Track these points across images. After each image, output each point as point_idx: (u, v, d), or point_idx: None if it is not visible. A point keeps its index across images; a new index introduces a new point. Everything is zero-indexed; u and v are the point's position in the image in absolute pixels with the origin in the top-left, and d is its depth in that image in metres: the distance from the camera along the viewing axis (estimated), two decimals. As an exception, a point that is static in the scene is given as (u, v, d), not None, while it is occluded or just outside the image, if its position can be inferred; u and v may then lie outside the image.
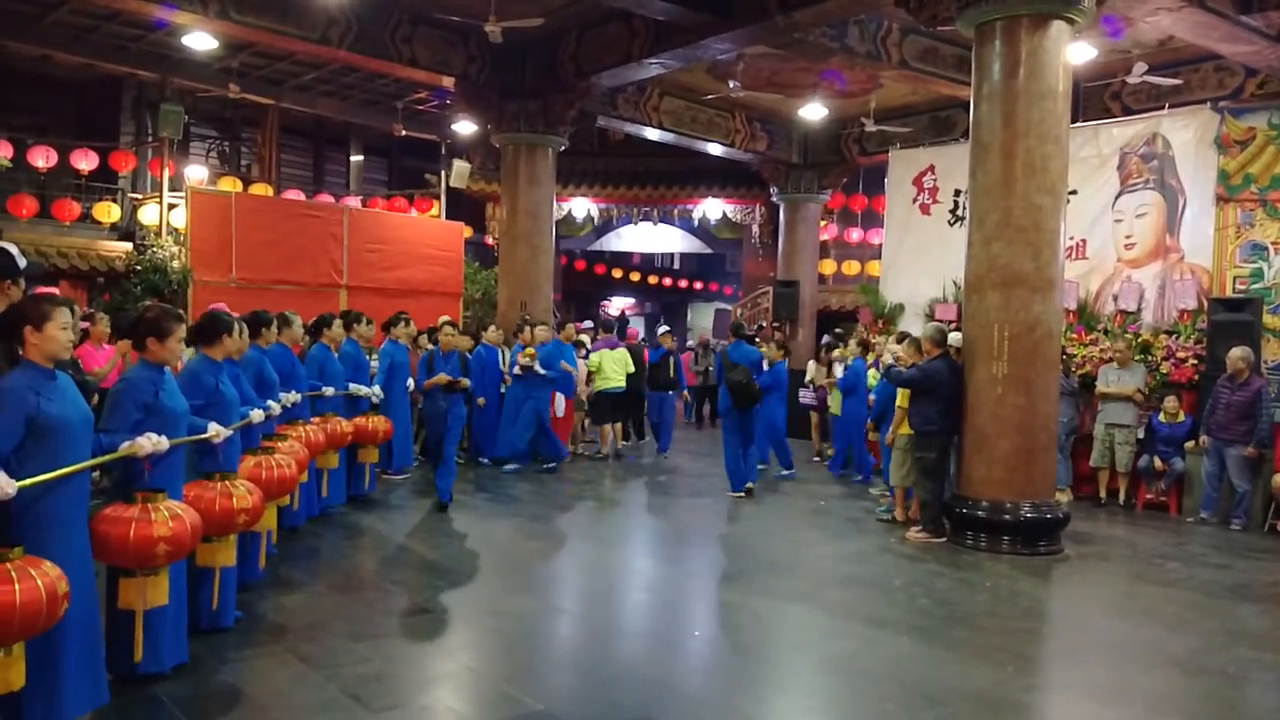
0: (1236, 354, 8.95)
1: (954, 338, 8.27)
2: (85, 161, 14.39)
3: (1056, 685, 5.04)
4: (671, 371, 12.64)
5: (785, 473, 11.16)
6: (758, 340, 11.92)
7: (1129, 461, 9.66)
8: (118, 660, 4.14)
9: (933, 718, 4.32)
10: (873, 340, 11.36)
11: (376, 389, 8.80)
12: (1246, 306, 9.48)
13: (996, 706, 4.47)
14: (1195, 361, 9.81)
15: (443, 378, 8.42)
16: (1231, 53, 10.31)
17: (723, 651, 5.42)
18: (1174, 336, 10.20)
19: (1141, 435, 9.78)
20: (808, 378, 12.66)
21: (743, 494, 9.79)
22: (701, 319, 28.31)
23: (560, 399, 11.37)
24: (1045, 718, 4.61)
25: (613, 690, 4.58)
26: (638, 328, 20.78)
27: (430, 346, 9.93)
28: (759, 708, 4.47)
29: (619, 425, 12.74)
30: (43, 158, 14.00)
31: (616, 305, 29.11)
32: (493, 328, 11.64)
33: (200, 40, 12.20)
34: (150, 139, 15.84)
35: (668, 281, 27.45)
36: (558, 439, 11.19)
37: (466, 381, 8.68)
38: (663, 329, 14.00)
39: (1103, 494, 9.86)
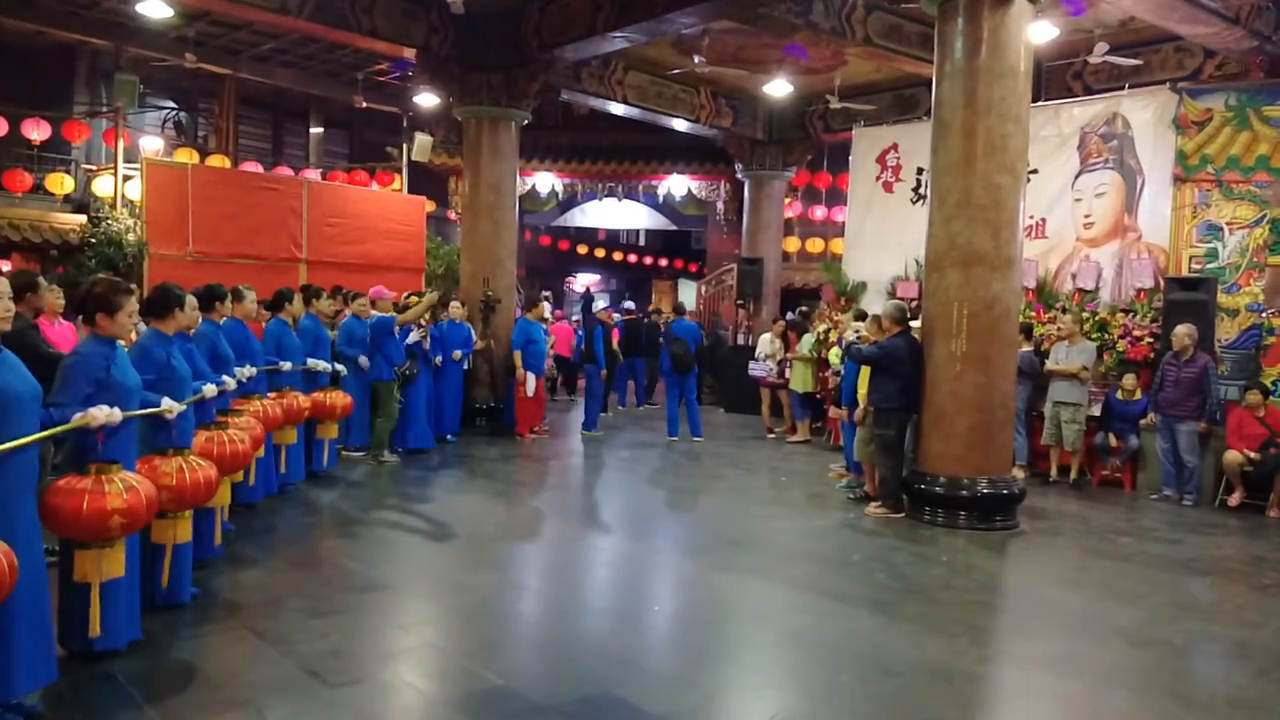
0: (1181, 331, 9.10)
1: (916, 325, 8.32)
2: (37, 131, 14.06)
3: (1009, 657, 5.12)
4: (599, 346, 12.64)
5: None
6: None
7: (1075, 440, 9.76)
8: (71, 637, 4.10)
9: (888, 689, 4.37)
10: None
11: (366, 361, 8.87)
12: (1201, 286, 9.61)
13: (950, 678, 4.54)
14: (1151, 340, 9.94)
15: None
16: (1191, 34, 10.42)
17: (683, 626, 5.45)
18: (1130, 315, 10.34)
19: (1098, 413, 9.92)
20: (759, 352, 12.75)
21: (675, 438, 11.87)
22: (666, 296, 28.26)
23: (531, 378, 11.38)
24: (998, 688, 4.69)
25: (573, 665, 4.59)
26: (613, 307, 20.70)
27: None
28: (717, 681, 4.51)
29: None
30: (-8, 127, 13.68)
31: (581, 281, 28.99)
32: (455, 303, 11.55)
33: (155, 8, 11.91)
34: (104, 109, 15.51)
35: (633, 258, 27.31)
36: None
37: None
38: (599, 306, 14.62)
39: (1053, 472, 9.98)
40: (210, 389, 5.56)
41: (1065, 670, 4.69)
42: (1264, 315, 9.74)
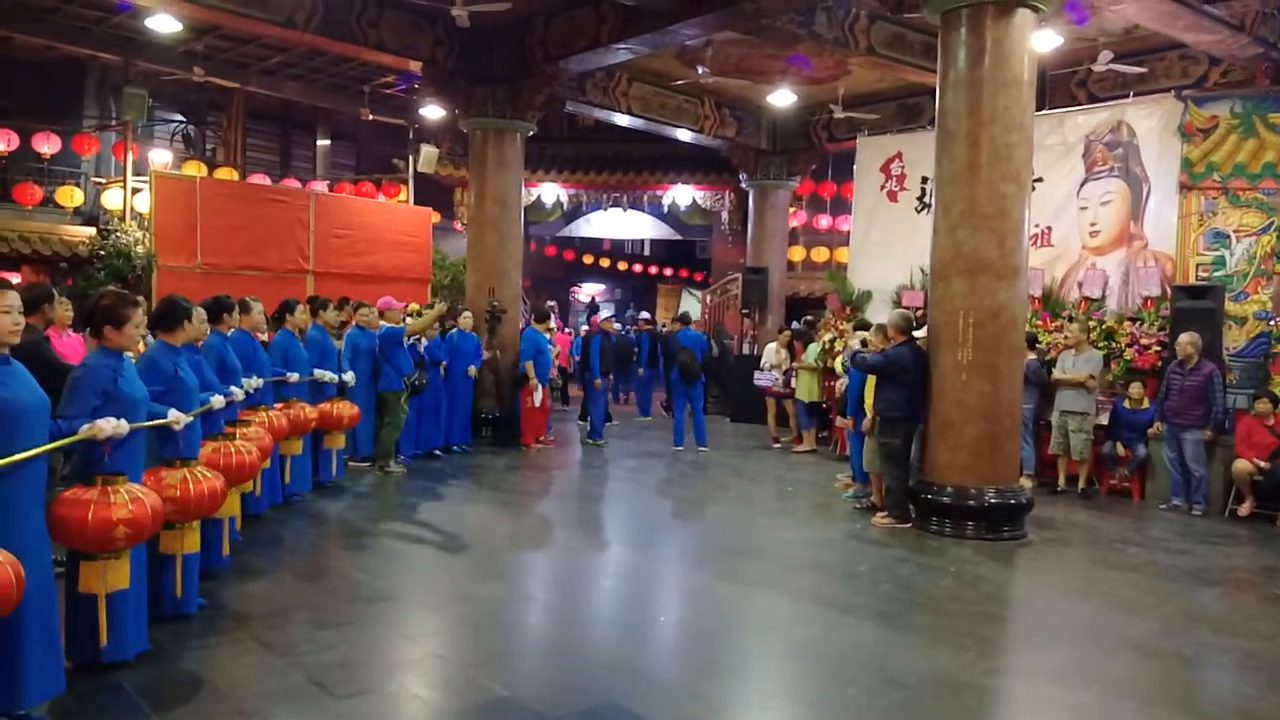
0: (1184, 339, 9.08)
1: (921, 334, 8.30)
2: (47, 145, 14.16)
3: (1017, 668, 5.10)
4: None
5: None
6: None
7: (1084, 449, 9.72)
8: (79, 648, 4.11)
9: (895, 701, 4.36)
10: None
11: (349, 375, 8.83)
12: (1209, 294, 9.58)
13: (958, 689, 4.52)
14: (1159, 348, 9.91)
15: None
16: (1195, 42, 10.42)
17: (688, 637, 5.45)
18: (1137, 323, 10.31)
19: (1105, 421, 9.89)
20: (764, 362, 12.75)
21: (682, 448, 11.82)
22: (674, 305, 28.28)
23: (538, 388, 11.40)
24: (1006, 700, 4.67)
25: (579, 676, 4.59)
26: (615, 317, 20.74)
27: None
28: (723, 692, 4.50)
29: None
30: (3, 141, 13.77)
31: (586, 291, 29.05)
32: (466, 313, 11.57)
33: (164, 23, 11.98)
34: (114, 122, 15.60)
35: (638, 268, 27.38)
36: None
37: None
38: (602, 315, 14.77)
39: (1061, 481, 9.94)
40: (218, 400, 5.58)
41: (1073, 682, 4.67)
42: (1272, 323, 9.71)
